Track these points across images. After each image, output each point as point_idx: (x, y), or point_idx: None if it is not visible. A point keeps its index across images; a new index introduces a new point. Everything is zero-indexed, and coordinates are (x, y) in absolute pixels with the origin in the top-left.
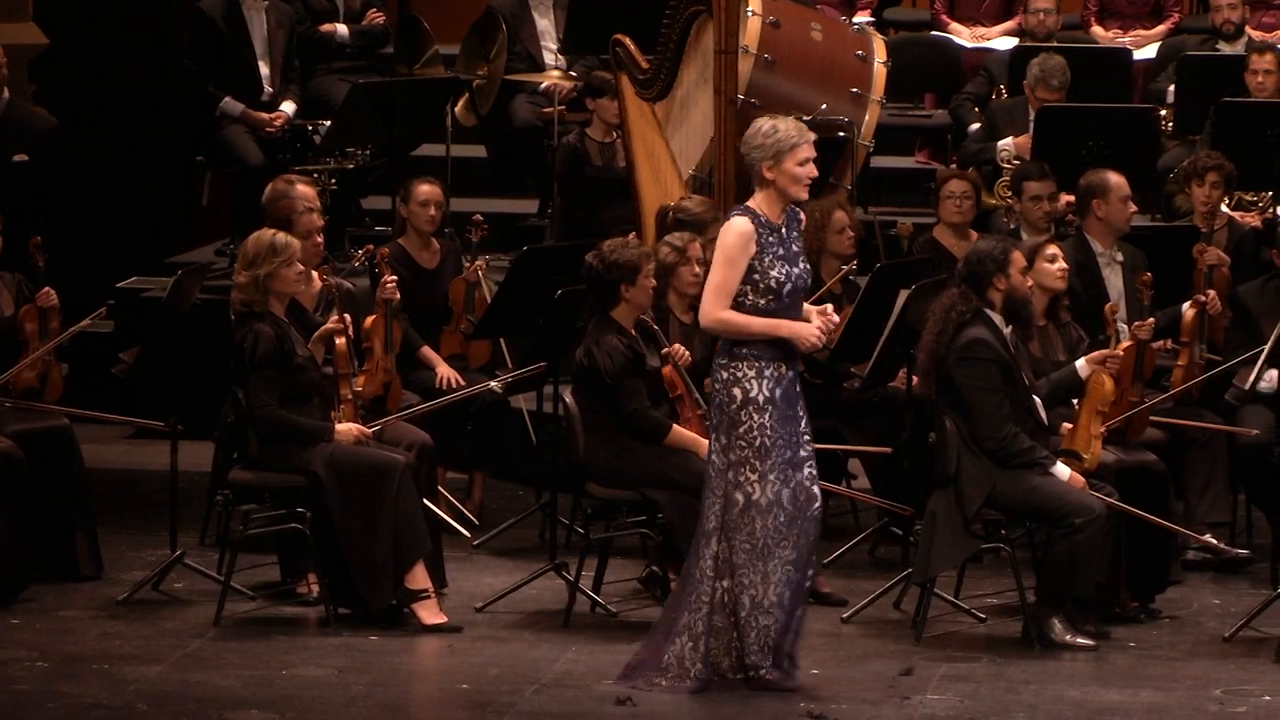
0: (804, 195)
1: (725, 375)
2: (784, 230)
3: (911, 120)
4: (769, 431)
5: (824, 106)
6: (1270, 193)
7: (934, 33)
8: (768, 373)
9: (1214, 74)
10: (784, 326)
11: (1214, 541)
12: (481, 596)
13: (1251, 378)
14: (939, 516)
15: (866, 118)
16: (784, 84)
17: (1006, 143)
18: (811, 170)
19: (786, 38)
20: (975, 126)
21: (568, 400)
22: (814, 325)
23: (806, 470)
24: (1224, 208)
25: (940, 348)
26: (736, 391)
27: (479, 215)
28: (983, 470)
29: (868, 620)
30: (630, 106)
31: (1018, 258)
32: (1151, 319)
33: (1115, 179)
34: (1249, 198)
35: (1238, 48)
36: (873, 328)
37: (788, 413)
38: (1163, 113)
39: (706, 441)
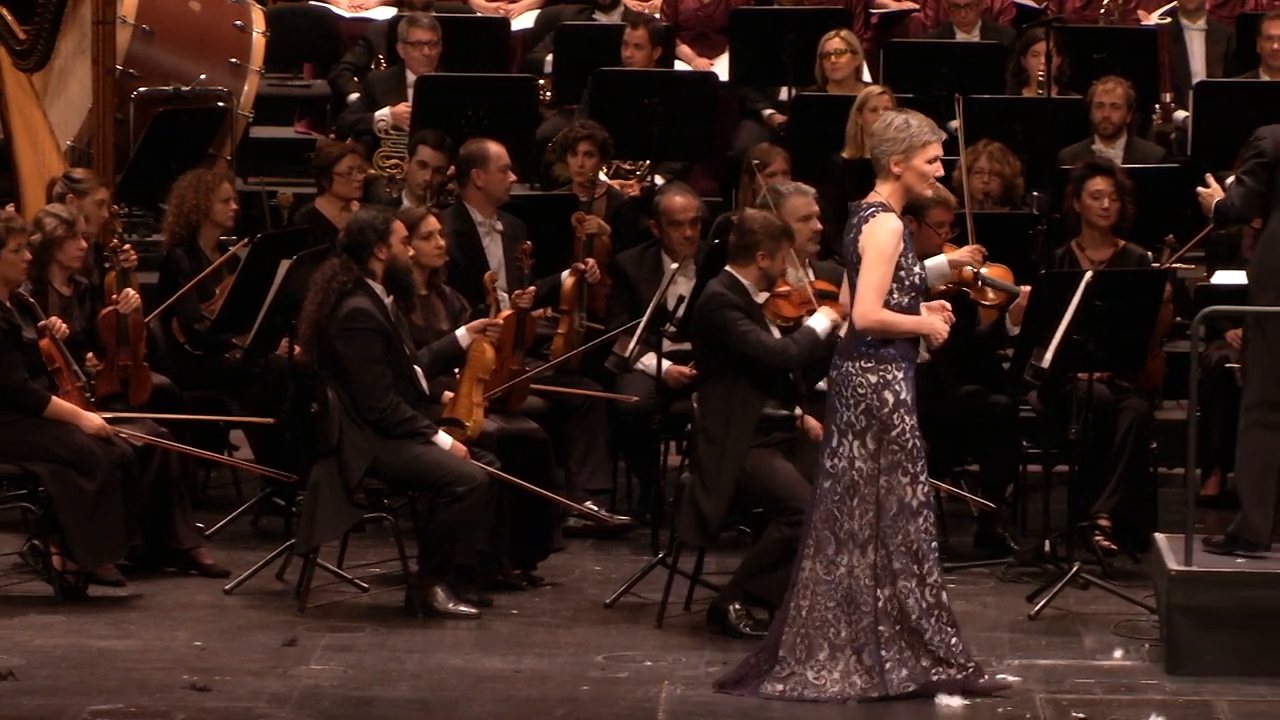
0: (929, 193)
1: (873, 379)
2: (906, 227)
3: (291, 90)
4: (918, 433)
5: (203, 77)
6: (648, 161)
7: (313, 2)
8: (910, 374)
9: (591, 44)
10: (924, 323)
11: (595, 509)
12: None
13: (630, 346)
14: (322, 486)
15: (246, 88)
16: (163, 55)
17: (384, 113)
18: (939, 169)
19: (164, 8)
20: (355, 96)
21: None
22: (939, 318)
23: None
24: (603, 176)
25: (322, 318)
26: (888, 395)
27: None
28: (365, 440)
29: (251, 591)
30: (7, 77)
31: (399, 227)
32: (532, 287)
33: (494, 148)
34: (627, 166)
35: (615, 18)
36: (254, 298)
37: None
38: (541, 82)
39: (86, 413)
